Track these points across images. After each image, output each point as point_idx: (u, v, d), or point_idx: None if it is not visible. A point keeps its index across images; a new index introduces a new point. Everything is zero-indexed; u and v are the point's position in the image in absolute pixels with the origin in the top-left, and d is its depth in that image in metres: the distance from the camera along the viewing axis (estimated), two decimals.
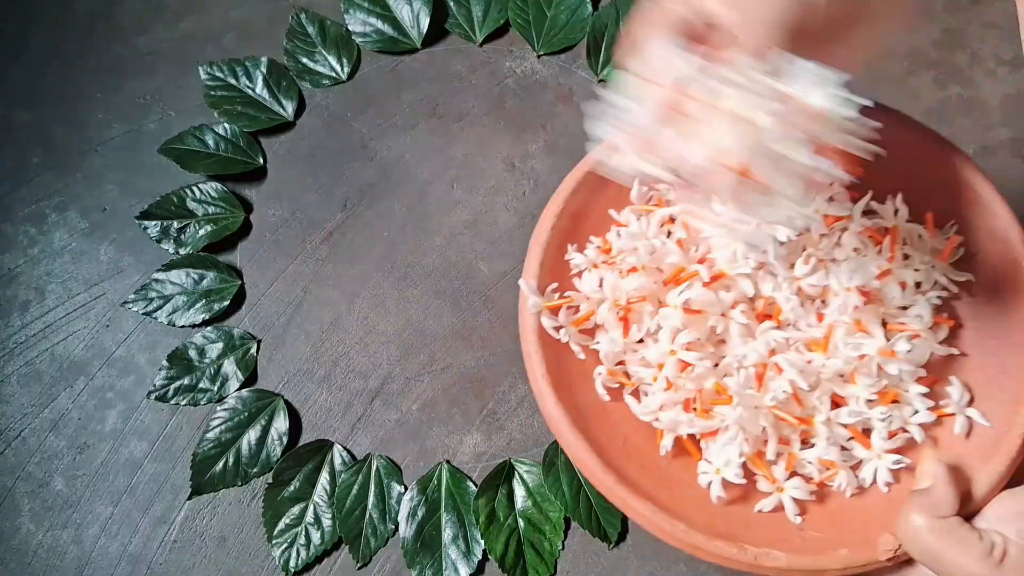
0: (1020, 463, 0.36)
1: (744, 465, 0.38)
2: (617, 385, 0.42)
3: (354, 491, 0.51)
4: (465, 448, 0.52)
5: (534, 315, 0.41)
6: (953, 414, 0.39)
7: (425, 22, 0.62)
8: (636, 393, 0.42)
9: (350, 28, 0.63)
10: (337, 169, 0.60)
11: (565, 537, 0.49)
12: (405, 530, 0.50)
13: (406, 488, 0.51)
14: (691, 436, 0.40)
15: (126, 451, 0.53)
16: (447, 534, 0.49)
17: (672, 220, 0.43)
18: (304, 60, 0.63)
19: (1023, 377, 0.38)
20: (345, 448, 0.52)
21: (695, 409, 0.39)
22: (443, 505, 0.50)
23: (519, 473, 0.51)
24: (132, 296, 0.56)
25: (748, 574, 0.37)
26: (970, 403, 0.39)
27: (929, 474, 0.35)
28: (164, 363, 0.54)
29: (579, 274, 0.43)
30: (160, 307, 0.56)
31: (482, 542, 0.49)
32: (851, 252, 0.41)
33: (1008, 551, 0.31)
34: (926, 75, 0.60)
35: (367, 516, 0.50)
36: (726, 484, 0.38)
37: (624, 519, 0.49)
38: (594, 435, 0.38)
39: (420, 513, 0.50)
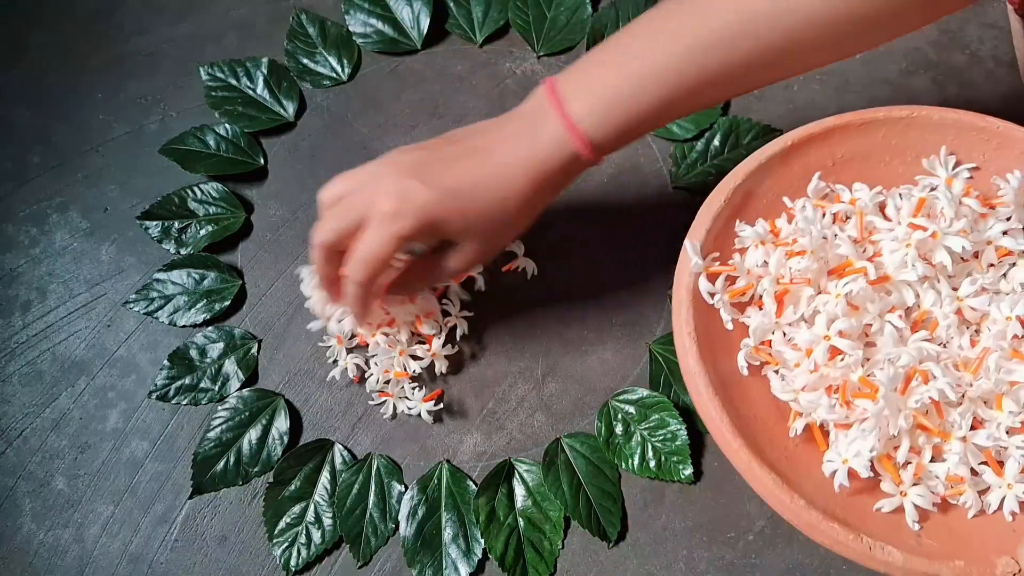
0: None
1: (871, 463, 0.39)
2: (758, 362, 0.42)
3: (355, 490, 0.51)
4: (465, 447, 0.52)
5: (693, 275, 0.42)
6: None
7: (425, 23, 0.63)
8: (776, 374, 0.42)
9: (351, 29, 0.64)
10: (338, 169, 0.59)
11: (565, 536, 0.49)
12: (405, 529, 0.50)
13: (406, 487, 0.51)
14: (821, 426, 0.41)
15: (127, 451, 0.53)
16: (447, 533, 0.50)
17: (847, 218, 0.44)
18: (305, 61, 0.63)
19: None
20: (346, 447, 0.52)
21: (837, 397, 0.40)
22: (443, 504, 0.50)
23: (519, 472, 0.51)
24: (133, 296, 0.56)
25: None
26: None
27: None
28: (165, 363, 0.54)
29: (743, 250, 0.44)
30: (161, 307, 0.56)
31: (482, 541, 0.49)
32: (1017, 286, 0.42)
33: None
34: (925, 76, 0.60)
35: (367, 515, 0.50)
36: (851, 475, 0.39)
37: (624, 518, 0.49)
38: (729, 401, 0.39)
39: (420, 512, 0.50)
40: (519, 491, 0.51)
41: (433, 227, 0.42)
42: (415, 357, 0.52)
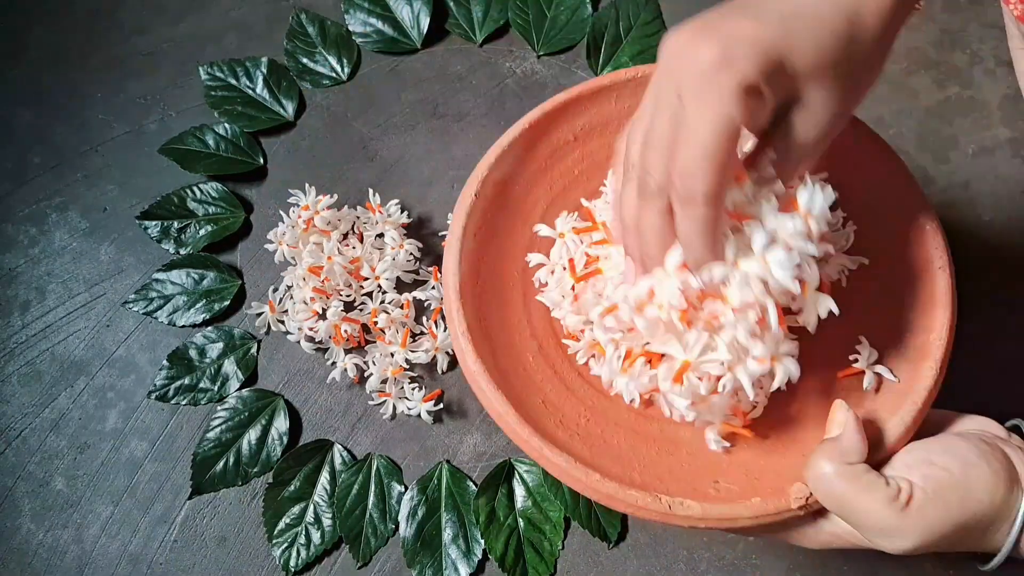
0: (925, 415, 0.37)
1: (648, 403, 0.40)
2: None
3: (354, 491, 0.51)
4: (465, 448, 0.52)
5: (455, 274, 0.41)
6: (863, 371, 0.40)
7: (425, 22, 0.62)
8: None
9: (350, 28, 0.63)
10: (337, 169, 0.60)
11: (565, 537, 0.49)
12: (405, 530, 0.50)
13: (406, 488, 0.51)
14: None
15: (127, 451, 0.53)
16: (447, 534, 0.50)
17: None
18: (304, 60, 0.63)
19: (926, 336, 0.39)
20: (345, 448, 0.52)
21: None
22: (443, 505, 0.50)
23: (519, 473, 0.51)
24: (132, 296, 0.56)
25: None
26: (878, 361, 0.40)
27: (839, 422, 0.35)
28: (164, 363, 0.54)
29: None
30: (160, 307, 0.56)
31: (482, 542, 0.49)
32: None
33: (914, 495, 0.32)
34: (925, 75, 0.60)
35: (367, 516, 0.50)
36: (644, 412, 0.39)
37: (624, 519, 0.49)
38: (513, 392, 0.39)
39: (420, 513, 0.50)
40: (519, 491, 0.50)
41: (777, 65, 0.31)
42: (414, 351, 0.52)
